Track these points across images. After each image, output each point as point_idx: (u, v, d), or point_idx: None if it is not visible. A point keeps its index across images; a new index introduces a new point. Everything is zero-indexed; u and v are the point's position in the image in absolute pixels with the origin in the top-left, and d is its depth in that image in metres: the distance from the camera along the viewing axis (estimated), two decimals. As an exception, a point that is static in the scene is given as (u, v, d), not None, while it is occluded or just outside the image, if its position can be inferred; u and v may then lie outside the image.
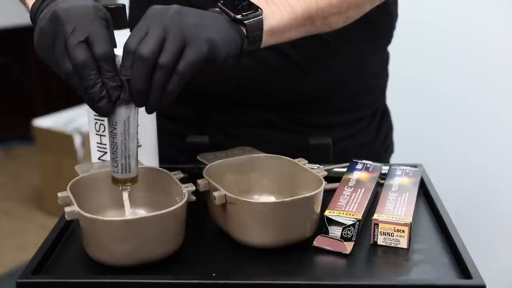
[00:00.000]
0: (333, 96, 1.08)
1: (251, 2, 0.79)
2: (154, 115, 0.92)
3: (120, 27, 0.85)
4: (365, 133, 1.14)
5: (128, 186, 0.77)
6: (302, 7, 0.83)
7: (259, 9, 0.79)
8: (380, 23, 1.08)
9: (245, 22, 0.77)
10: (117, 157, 0.75)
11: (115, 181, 0.77)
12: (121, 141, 0.74)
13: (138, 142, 0.76)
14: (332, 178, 0.93)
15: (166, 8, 0.72)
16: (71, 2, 0.71)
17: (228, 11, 0.77)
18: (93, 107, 0.71)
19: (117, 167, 0.75)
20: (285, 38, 0.84)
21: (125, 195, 0.79)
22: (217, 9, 0.78)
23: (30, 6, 0.77)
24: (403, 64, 1.32)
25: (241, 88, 1.03)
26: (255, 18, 0.78)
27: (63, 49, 0.69)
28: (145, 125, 0.90)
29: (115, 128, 0.73)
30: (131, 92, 0.70)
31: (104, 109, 0.71)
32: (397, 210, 0.82)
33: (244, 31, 0.77)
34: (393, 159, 1.23)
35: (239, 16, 0.77)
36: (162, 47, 0.70)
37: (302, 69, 1.04)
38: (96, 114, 0.89)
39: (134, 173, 0.76)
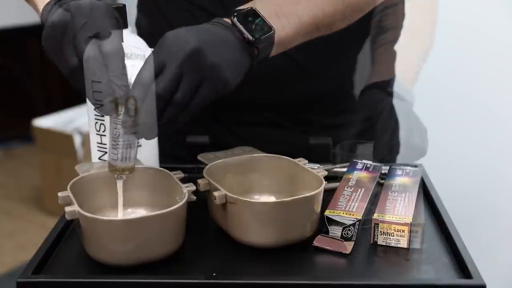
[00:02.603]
0: (338, 97, 1.08)
1: (264, 20, 0.78)
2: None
3: (120, 27, 0.85)
4: (369, 133, 1.14)
5: (125, 175, 0.77)
6: (310, 17, 0.83)
7: (272, 29, 0.78)
8: (387, 23, 1.08)
9: (258, 46, 0.77)
10: (118, 145, 0.74)
11: (113, 169, 0.76)
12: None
13: (138, 142, 0.76)
14: (332, 178, 0.93)
15: (183, 42, 0.71)
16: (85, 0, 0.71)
17: (242, 30, 0.76)
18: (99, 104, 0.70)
19: (117, 154, 0.74)
20: (289, 46, 0.84)
21: (120, 184, 0.79)
22: (229, 21, 0.77)
23: (40, 7, 0.77)
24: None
25: (246, 88, 1.03)
26: (268, 40, 0.78)
27: (72, 43, 0.69)
28: (145, 125, 0.90)
29: (119, 115, 0.72)
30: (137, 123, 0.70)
31: (111, 107, 0.70)
32: (397, 210, 0.82)
33: (256, 52, 0.77)
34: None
35: (252, 39, 0.76)
36: (177, 85, 0.70)
37: (308, 71, 1.03)
38: (97, 114, 0.89)
39: (133, 162, 0.76)
